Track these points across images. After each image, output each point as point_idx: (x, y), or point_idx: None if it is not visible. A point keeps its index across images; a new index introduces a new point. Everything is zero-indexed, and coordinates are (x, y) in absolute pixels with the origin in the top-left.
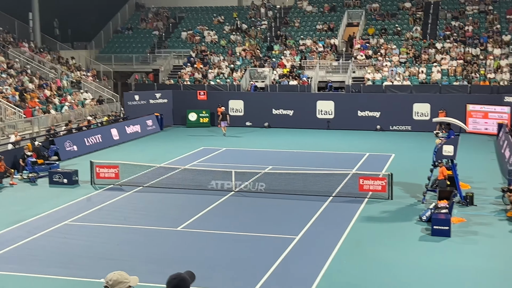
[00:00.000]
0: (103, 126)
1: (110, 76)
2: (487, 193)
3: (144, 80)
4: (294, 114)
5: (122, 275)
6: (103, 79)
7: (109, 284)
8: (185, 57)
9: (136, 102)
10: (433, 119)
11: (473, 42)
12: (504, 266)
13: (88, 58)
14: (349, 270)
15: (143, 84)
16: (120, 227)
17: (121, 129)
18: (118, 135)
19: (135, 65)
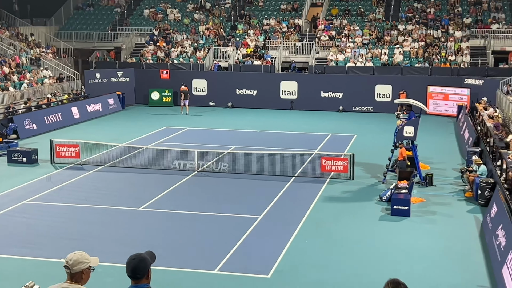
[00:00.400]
0: (64, 105)
1: (70, 53)
2: (446, 174)
3: (106, 58)
4: (257, 94)
5: (83, 255)
6: (63, 57)
7: (69, 264)
8: (148, 35)
9: (97, 80)
10: (395, 101)
11: (435, 25)
12: (461, 244)
13: (47, 35)
14: (311, 249)
15: (105, 62)
16: (80, 207)
17: (82, 107)
18: (79, 114)
19: (96, 42)
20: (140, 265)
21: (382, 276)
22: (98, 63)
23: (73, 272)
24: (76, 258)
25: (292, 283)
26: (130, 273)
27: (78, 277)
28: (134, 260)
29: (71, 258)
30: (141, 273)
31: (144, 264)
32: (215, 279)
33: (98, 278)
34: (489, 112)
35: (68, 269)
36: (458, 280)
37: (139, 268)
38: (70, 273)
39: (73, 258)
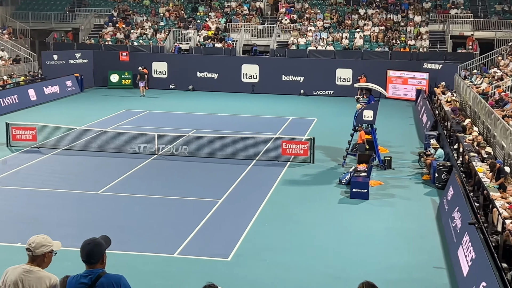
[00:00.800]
0: (20, 87)
1: (27, 34)
2: (404, 157)
3: (63, 39)
4: (218, 78)
5: (45, 238)
6: (19, 38)
7: (32, 246)
8: (107, 16)
9: (54, 62)
10: (354, 85)
11: (395, 9)
12: (418, 226)
13: (3, 15)
14: (271, 232)
15: (62, 43)
16: (37, 191)
17: (38, 89)
18: (36, 96)
19: (54, 23)
20: (95, 249)
21: (341, 258)
22: (55, 44)
23: (35, 255)
24: (39, 241)
25: (252, 266)
26: (84, 258)
27: (40, 260)
28: (89, 245)
29: (34, 240)
30: (95, 258)
31: (99, 248)
32: (175, 262)
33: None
34: (447, 96)
35: (30, 252)
36: (415, 261)
37: (94, 253)
38: (32, 255)
39: (36, 241)
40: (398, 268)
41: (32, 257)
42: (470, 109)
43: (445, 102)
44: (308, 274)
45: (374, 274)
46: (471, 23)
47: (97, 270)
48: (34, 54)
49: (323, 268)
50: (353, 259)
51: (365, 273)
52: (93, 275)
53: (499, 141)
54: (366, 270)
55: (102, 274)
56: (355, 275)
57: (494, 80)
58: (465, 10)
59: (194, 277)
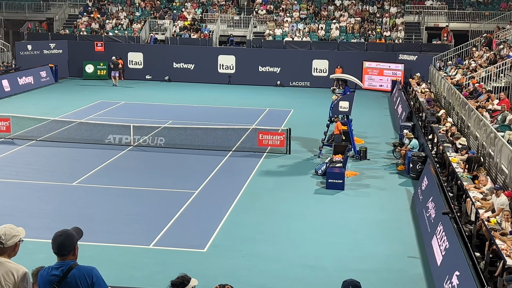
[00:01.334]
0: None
1: (0, 24)
2: (379, 148)
3: (38, 29)
4: (195, 68)
5: (13, 228)
6: None
7: (2, 239)
8: (81, 6)
9: (28, 52)
10: (330, 76)
11: (371, 0)
12: (393, 216)
13: None
14: (247, 222)
15: (37, 33)
16: (11, 182)
17: (12, 80)
18: (10, 87)
19: (28, 13)
20: (66, 241)
21: (317, 247)
22: (29, 34)
23: (6, 246)
24: (8, 232)
25: (228, 256)
26: (56, 249)
27: (11, 251)
28: (60, 237)
29: (4, 232)
30: (67, 250)
31: (71, 240)
32: (150, 254)
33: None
34: (422, 88)
35: (2, 244)
36: (390, 250)
37: (65, 245)
38: (3, 248)
39: (6, 232)
40: (373, 257)
41: (2, 249)
42: (444, 100)
43: (420, 93)
44: (284, 264)
45: (349, 263)
46: (446, 14)
47: (68, 262)
48: (7, 44)
49: (300, 258)
50: (329, 249)
51: (341, 262)
52: (64, 266)
53: (473, 131)
54: (342, 259)
55: (74, 265)
56: (331, 264)
57: (469, 71)
58: (440, 2)
59: (170, 268)
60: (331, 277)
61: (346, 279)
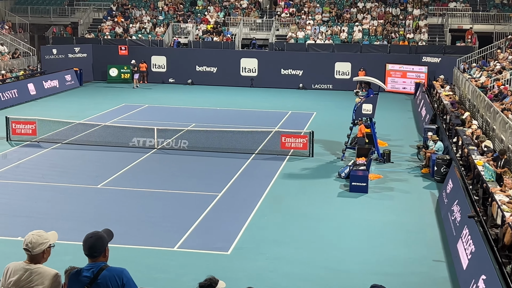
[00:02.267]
0: (19, 81)
1: (26, 28)
2: (403, 151)
3: (62, 33)
4: (217, 71)
5: (41, 235)
6: (19, 32)
7: (29, 247)
8: (105, 10)
9: (54, 56)
10: (353, 78)
11: (394, 2)
12: (417, 219)
13: (2, 9)
14: (270, 225)
15: (61, 37)
16: (38, 185)
17: (38, 84)
18: (35, 90)
19: (53, 17)
20: (97, 243)
21: (341, 251)
22: (54, 38)
23: (34, 254)
24: (35, 240)
25: (251, 259)
26: (87, 251)
27: (39, 258)
28: (91, 239)
29: (30, 240)
30: (98, 251)
31: (101, 242)
32: (175, 256)
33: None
34: (446, 90)
35: (29, 252)
36: (414, 254)
37: (96, 246)
38: (31, 255)
39: (33, 240)
40: (397, 261)
41: (31, 256)
42: (469, 102)
43: (444, 96)
44: (307, 267)
45: (373, 266)
46: (470, 16)
47: (99, 263)
48: (33, 49)
49: (323, 261)
50: (353, 252)
51: (364, 266)
52: (95, 268)
53: (498, 134)
54: (365, 263)
55: (105, 267)
56: (354, 268)
57: (493, 73)
58: (464, 4)
59: (194, 270)
60: (354, 281)
61: (374, 284)
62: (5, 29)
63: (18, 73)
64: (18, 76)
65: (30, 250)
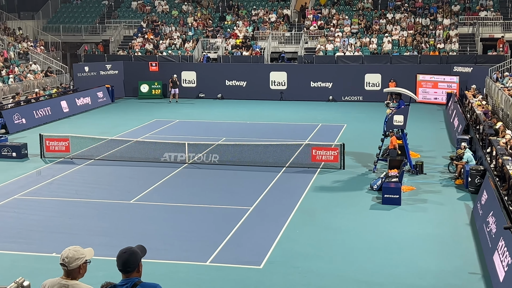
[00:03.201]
0: (53, 98)
1: (58, 47)
2: (436, 162)
3: (94, 51)
4: (247, 85)
5: (78, 250)
6: (51, 50)
7: (66, 262)
8: (136, 27)
9: (86, 74)
10: (384, 90)
11: (423, 13)
12: (452, 231)
13: (35, 29)
14: (302, 239)
15: (93, 55)
16: (71, 201)
17: (71, 101)
18: (68, 108)
19: (84, 35)
20: (131, 258)
21: (374, 264)
22: (86, 56)
23: (70, 269)
24: (72, 255)
25: (284, 273)
26: (120, 266)
27: (76, 273)
28: (125, 254)
29: (67, 255)
30: (131, 267)
31: (135, 257)
32: (207, 270)
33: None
34: (478, 100)
35: (65, 267)
36: (448, 266)
37: (130, 262)
38: (67, 270)
39: (69, 255)
40: (432, 273)
41: (67, 271)
42: (502, 112)
43: (477, 105)
44: (340, 280)
45: (406, 279)
46: (501, 25)
47: (133, 279)
48: (65, 66)
49: (356, 274)
50: (386, 265)
51: (398, 278)
52: (129, 283)
53: None
54: (399, 275)
55: (138, 282)
56: (388, 280)
57: None
58: (494, 12)
59: (226, 285)
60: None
61: None
62: (38, 48)
63: (51, 91)
64: (51, 94)
65: (66, 265)
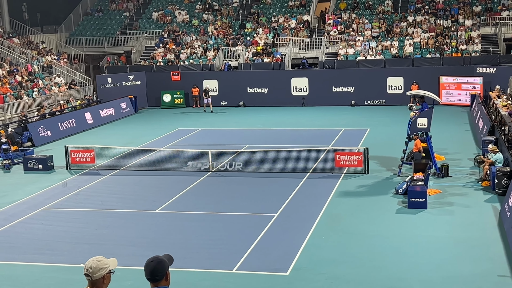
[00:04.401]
0: (77, 110)
1: (81, 59)
2: (462, 164)
3: (117, 62)
4: (268, 92)
5: (101, 261)
6: (74, 63)
7: (90, 272)
8: (157, 38)
9: (109, 85)
10: (407, 93)
11: (444, 14)
12: (480, 234)
13: (58, 42)
14: (328, 245)
15: (116, 66)
16: (97, 211)
17: (95, 112)
18: (92, 119)
19: (107, 47)
20: (158, 267)
21: (402, 269)
22: (109, 67)
23: (94, 279)
24: (95, 265)
25: (311, 279)
26: (148, 275)
27: (100, 283)
28: (152, 263)
29: (91, 265)
30: (159, 275)
31: (162, 266)
32: (234, 278)
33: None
34: (503, 100)
35: (89, 277)
36: (478, 270)
37: (158, 270)
38: (91, 280)
39: (93, 266)
40: (461, 277)
41: (91, 282)
42: None
43: (501, 106)
44: (368, 286)
45: (435, 284)
46: None
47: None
48: (89, 78)
49: (383, 279)
50: (414, 269)
51: (426, 283)
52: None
53: None
54: (427, 280)
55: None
56: (416, 285)
57: None
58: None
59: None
60: None
61: None
62: (61, 60)
63: (75, 103)
64: (76, 106)
65: (90, 275)
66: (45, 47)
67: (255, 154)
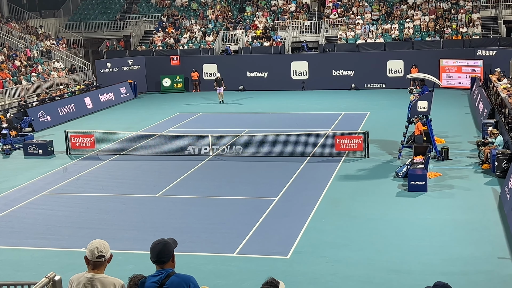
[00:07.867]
0: (76, 95)
1: (80, 44)
2: (462, 147)
3: (116, 47)
4: (268, 76)
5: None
6: (73, 47)
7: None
8: (156, 22)
9: (108, 70)
10: (407, 76)
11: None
12: (480, 217)
13: (57, 27)
14: (329, 228)
15: (115, 51)
16: (98, 196)
17: (94, 97)
18: (92, 104)
19: (106, 32)
20: (165, 249)
21: (402, 251)
22: (108, 52)
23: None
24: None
25: (311, 262)
26: (155, 257)
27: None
28: (158, 245)
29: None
30: (166, 257)
31: (168, 248)
32: (235, 261)
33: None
34: (503, 83)
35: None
36: (478, 252)
37: (164, 252)
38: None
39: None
40: (461, 259)
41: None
42: None
43: (502, 89)
44: (369, 269)
45: (436, 266)
46: None
47: (167, 270)
48: (88, 63)
49: (384, 262)
50: (415, 252)
51: (427, 266)
52: (163, 274)
53: None
54: (428, 263)
55: (172, 273)
56: (417, 268)
57: None
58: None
59: (254, 275)
60: (418, 281)
61: (437, 281)
62: (60, 45)
63: (75, 88)
64: (75, 91)
65: (104, 255)
66: (44, 32)
67: (255, 139)
